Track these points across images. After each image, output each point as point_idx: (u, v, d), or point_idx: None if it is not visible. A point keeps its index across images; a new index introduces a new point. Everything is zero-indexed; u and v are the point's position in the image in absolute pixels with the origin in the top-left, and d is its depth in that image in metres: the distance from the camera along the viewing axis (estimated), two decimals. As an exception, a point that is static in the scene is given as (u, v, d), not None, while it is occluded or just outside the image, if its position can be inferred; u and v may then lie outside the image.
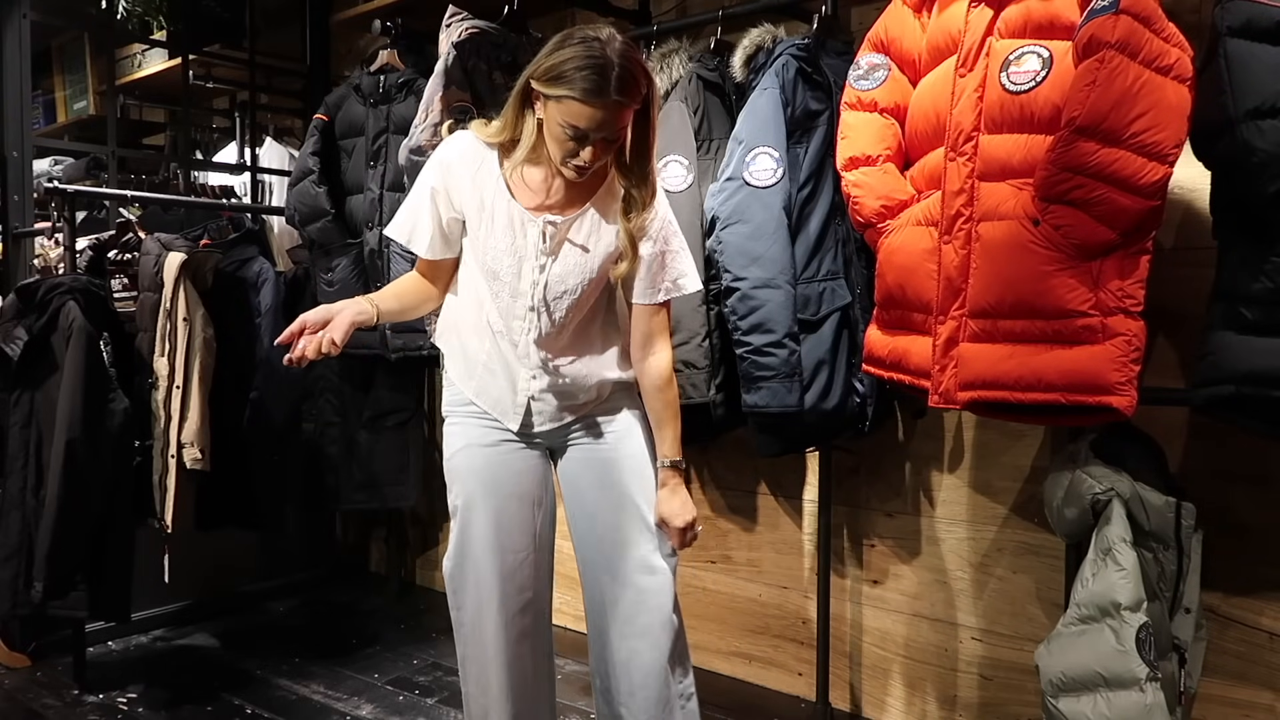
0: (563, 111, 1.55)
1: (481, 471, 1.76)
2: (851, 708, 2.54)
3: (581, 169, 1.60)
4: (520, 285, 1.70)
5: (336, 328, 1.65)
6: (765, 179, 2.06)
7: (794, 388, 2.05)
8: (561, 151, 1.59)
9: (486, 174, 1.70)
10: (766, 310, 2.04)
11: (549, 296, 1.69)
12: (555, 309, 1.70)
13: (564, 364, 1.74)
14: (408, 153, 2.40)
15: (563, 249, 1.70)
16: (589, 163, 1.59)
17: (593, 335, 1.78)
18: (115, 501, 2.56)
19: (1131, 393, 1.56)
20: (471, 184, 1.71)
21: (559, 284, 1.69)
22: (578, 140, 1.56)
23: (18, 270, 2.99)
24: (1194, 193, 1.90)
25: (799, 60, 2.12)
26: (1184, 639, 1.71)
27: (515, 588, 1.76)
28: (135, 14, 3.31)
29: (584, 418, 1.80)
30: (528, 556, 1.77)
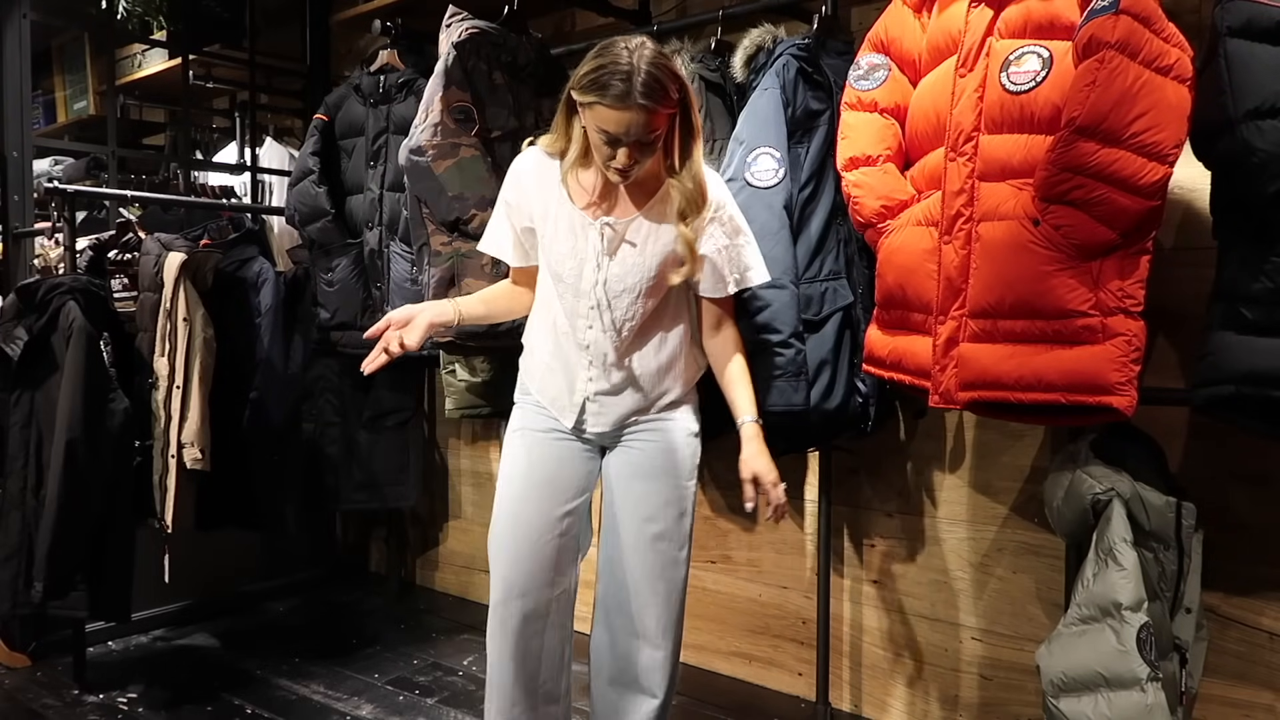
0: (595, 117, 1.64)
1: (519, 454, 1.88)
2: (851, 708, 2.54)
3: (622, 171, 1.68)
4: (582, 285, 1.79)
5: (413, 329, 1.76)
6: (767, 179, 2.06)
7: (800, 387, 2.05)
8: (601, 156, 1.69)
9: (550, 183, 1.81)
10: (772, 310, 2.04)
11: (609, 295, 1.78)
12: (615, 307, 1.78)
13: (622, 367, 1.82)
14: (408, 153, 2.40)
15: (620, 249, 1.78)
16: (626, 166, 1.67)
17: (654, 342, 1.84)
18: (115, 501, 2.56)
19: (1131, 393, 1.56)
20: (537, 193, 1.82)
21: (618, 283, 1.77)
22: (611, 145, 1.65)
23: (18, 270, 2.99)
24: (1194, 193, 1.90)
25: (799, 60, 2.12)
26: (1185, 639, 1.71)
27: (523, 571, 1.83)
28: (135, 14, 3.31)
29: (637, 423, 1.87)
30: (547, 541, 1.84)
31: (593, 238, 1.78)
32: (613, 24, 2.80)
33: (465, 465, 3.50)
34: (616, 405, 1.84)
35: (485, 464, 3.42)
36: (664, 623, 1.88)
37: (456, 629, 3.21)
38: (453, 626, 3.24)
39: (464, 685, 2.76)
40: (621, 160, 1.66)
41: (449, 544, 3.57)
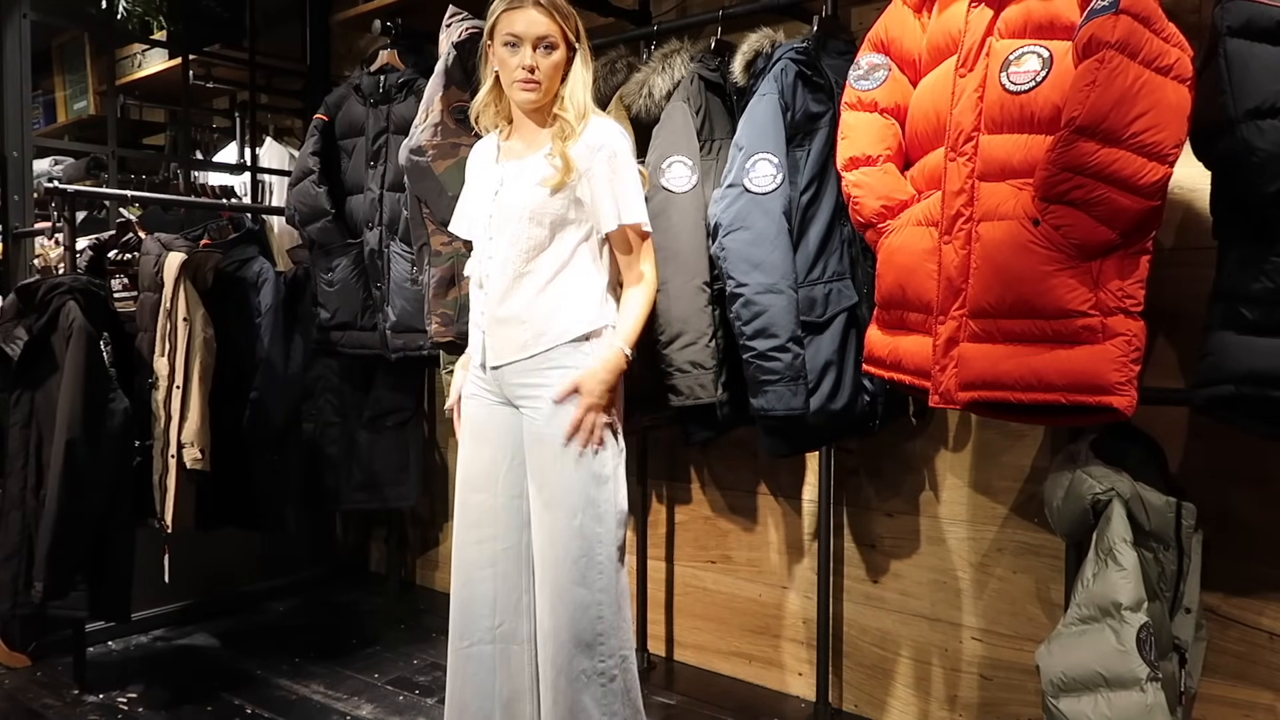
0: (501, 28, 1.86)
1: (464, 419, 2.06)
2: (851, 708, 2.54)
3: (527, 82, 1.85)
4: (482, 216, 1.96)
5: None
6: (765, 185, 2.06)
7: (799, 390, 2.05)
8: (508, 75, 1.87)
9: (487, 155, 2.03)
10: (769, 315, 2.04)
11: (501, 222, 1.91)
12: (504, 233, 1.90)
13: (512, 294, 1.90)
14: (408, 153, 2.40)
15: (512, 181, 1.92)
16: (530, 69, 1.84)
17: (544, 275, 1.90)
18: (115, 501, 2.56)
19: (1131, 393, 1.56)
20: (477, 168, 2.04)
21: (508, 209, 1.90)
22: (516, 50, 1.85)
23: (18, 270, 2.99)
24: (1194, 193, 1.90)
25: (798, 64, 2.11)
26: (1184, 639, 1.71)
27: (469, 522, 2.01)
28: (135, 14, 3.31)
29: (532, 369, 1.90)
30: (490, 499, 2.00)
31: (494, 179, 1.95)
32: (613, 24, 2.80)
33: (465, 465, 3.49)
34: (507, 333, 1.91)
35: (485, 464, 3.41)
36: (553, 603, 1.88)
37: (456, 629, 3.20)
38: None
39: (464, 685, 2.75)
40: (525, 59, 1.83)
41: (449, 544, 3.55)
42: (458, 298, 2.42)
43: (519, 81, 1.86)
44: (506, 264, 1.89)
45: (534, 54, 1.84)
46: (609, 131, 1.92)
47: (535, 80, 1.85)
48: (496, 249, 1.91)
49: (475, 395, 2.01)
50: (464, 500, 2.03)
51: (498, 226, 1.91)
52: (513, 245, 1.89)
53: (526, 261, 1.89)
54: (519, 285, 1.89)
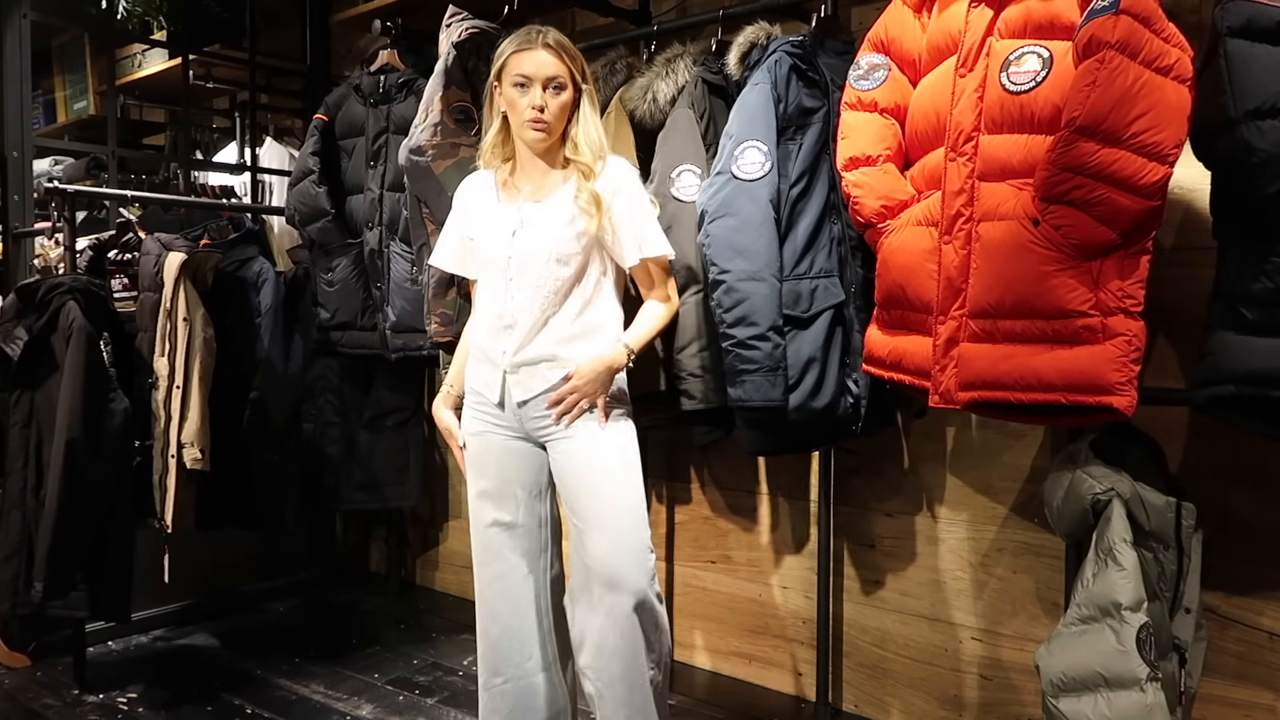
0: (510, 69, 1.88)
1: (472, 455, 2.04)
2: (851, 708, 2.54)
3: (537, 122, 1.87)
4: (500, 258, 1.94)
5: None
6: (753, 172, 2.04)
7: (777, 382, 2.03)
8: (517, 116, 1.89)
9: (486, 193, 2.02)
10: (750, 303, 2.02)
11: (523, 262, 1.91)
12: (529, 273, 1.91)
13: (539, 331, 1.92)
14: (408, 153, 2.40)
15: (532, 221, 1.93)
16: (540, 109, 1.86)
17: (572, 310, 1.93)
18: (115, 501, 2.56)
19: (1131, 393, 1.56)
20: (474, 206, 2.03)
21: (529, 251, 1.91)
22: (525, 91, 1.86)
23: (18, 270, 2.99)
24: (1194, 193, 1.90)
25: (793, 57, 2.10)
26: (1184, 639, 1.71)
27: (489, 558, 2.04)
28: (135, 14, 3.31)
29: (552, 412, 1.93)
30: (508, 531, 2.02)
31: (511, 220, 1.95)
32: (613, 24, 2.80)
33: (465, 465, 3.50)
34: (536, 371, 1.92)
35: (485, 464, 3.42)
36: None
37: (456, 629, 3.20)
38: (453, 626, 3.24)
39: (464, 685, 2.75)
40: (535, 99, 1.85)
41: (449, 544, 3.57)
42: (457, 298, 2.42)
43: (529, 122, 1.87)
44: (533, 305, 1.91)
45: (544, 94, 1.87)
46: (623, 171, 1.97)
47: (545, 120, 1.87)
48: (519, 290, 1.92)
49: (487, 431, 2.00)
50: (482, 536, 2.04)
51: (519, 268, 1.91)
52: (540, 287, 1.91)
53: (556, 303, 1.92)
54: (548, 325, 1.92)
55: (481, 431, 2.01)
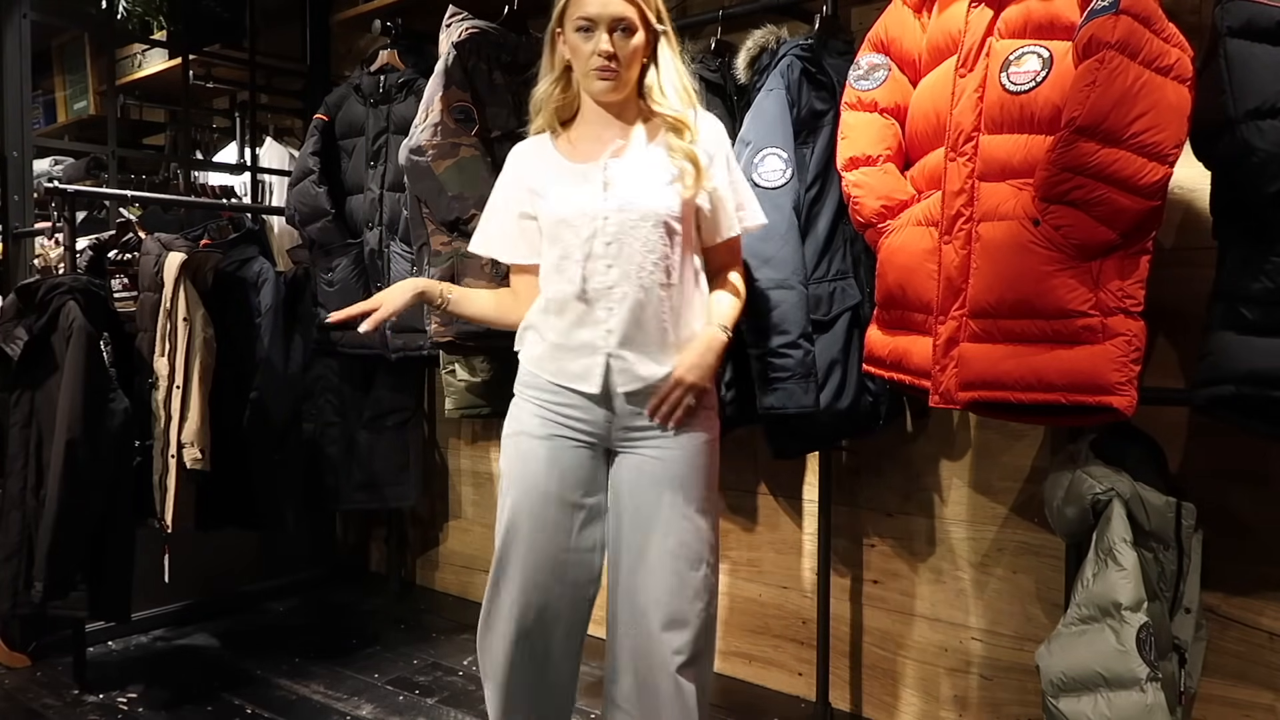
0: (570, 16, 1.68)
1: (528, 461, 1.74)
2: (851, 708, 2.54)
3: (605, 69, 1.66)
4: (588, 221, 1.69)
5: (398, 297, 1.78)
6: (775, 180, 2.05)
7: (810, 388, 2.04)
8: (583, 62, 1.68)
9: (544, 157, 1.79)
10: (780, 311, 2.03)
11: (620, 226, 1.68)
12: (632, 240, 1.67)
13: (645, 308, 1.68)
14: (408, 153, 2.40)
15: (626, 180, 1.71)
16: (609, 54, 1.65)
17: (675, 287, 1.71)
18: (115, 501, 2.56)
19: (1131, 393, 1.56)
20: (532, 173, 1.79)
21: (630, 211, 1.68)
22: (591, 35, 1.66)
23: (18, 270, 2.99)
24: (1194, 193, 1.90)
25: (803, 61, 2.11)
26: (1184, 639, 1.71)
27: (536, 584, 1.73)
28: (135, 14, 3.31)
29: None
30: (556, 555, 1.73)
31: (595, 178, 1.72)
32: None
33: (465, 465, 3.50)
34: (641, 355, 1.69)
35: (485, 464, 3.42)
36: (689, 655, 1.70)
37: (456, 629, 3.21)
38: (453, 626, 3.24)
39: (464, 685, 2.75)
40: (602, 45, 1.64)
41: (449, 544, 3.57)
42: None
43: (596, 70, 1.66)
44: (639, 274, 1.67)
45: (610, 39, 1.65)
46: (719, 129, 1.79)
47: (613, 68, 1.66)
48: (618, 258, 1.67)
49: (556, 436, 1.73)
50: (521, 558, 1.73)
51: (616, 231, 1.67)
52: (647, 253, 1.67)
53: (662, 271, 1.68)
54: (652, 298, 1.68)
55: (552, 435, 1.73)
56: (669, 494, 1.72)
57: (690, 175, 1.69)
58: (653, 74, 1.72)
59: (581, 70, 1.70)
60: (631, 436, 1.73)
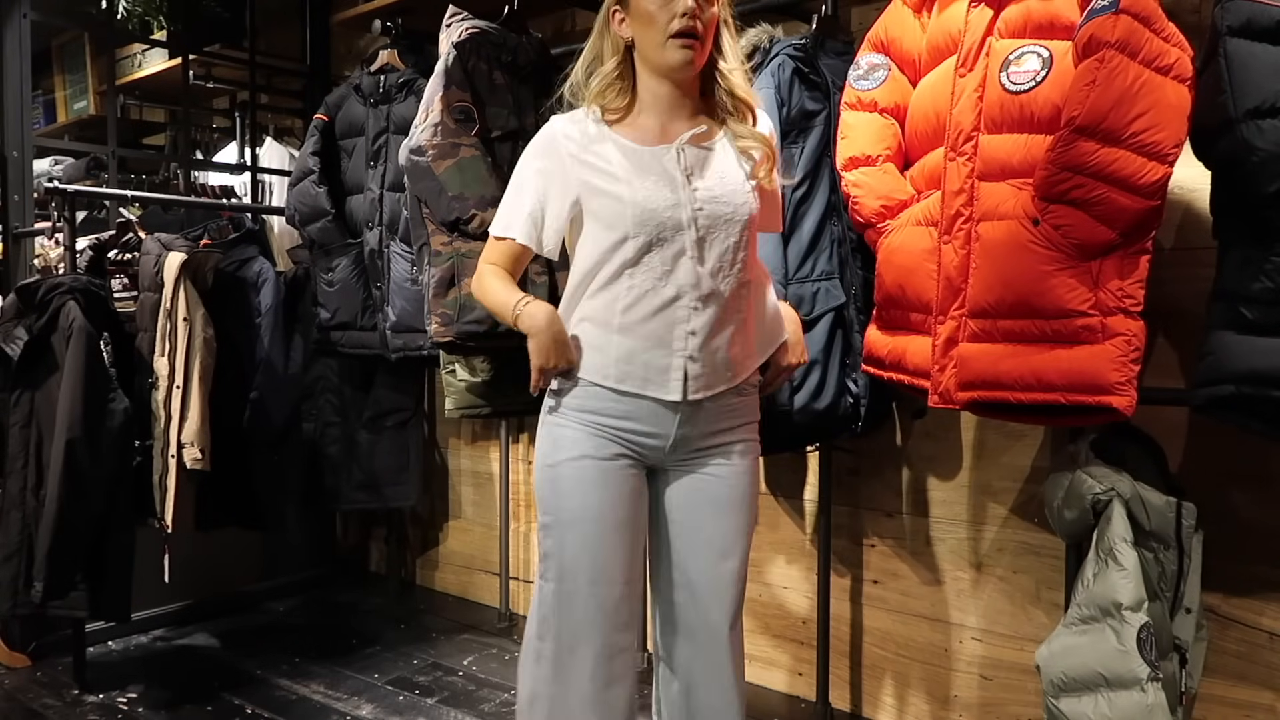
0: None
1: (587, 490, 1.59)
2: (851, 708, 2.54)
3: (688, 33, 1.51)
4: (673, 212, 1.54)
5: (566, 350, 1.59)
6: None
7: (784, 387, 2.04)
8: (658, 33, 1.52)
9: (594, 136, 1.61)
10: None
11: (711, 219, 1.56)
12: (719, 233, 1.56)
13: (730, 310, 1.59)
14: (408, 152, 2.40)
15: (706, 166, 1.59)
16: (693, 13, 1.51)
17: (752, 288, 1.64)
18: (115, 501, 2.56)
19: (1131, 393, 1.56)
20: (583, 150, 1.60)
21: (718, 202, 1.57)
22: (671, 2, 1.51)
23: (18, 270, 2.99)
24: (1194, 193, 1.90)
25: (795, 60, 2.11)
26: (1185, 639, 1.71)
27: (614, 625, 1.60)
28: (135, 14, 3.31)
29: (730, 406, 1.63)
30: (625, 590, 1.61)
31: (672, 166, 1.56)
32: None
33: (465, 465, 3.50)
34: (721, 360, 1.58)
35: (485, 464, 3.42)
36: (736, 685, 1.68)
37: (456, 629, 3.21)
38: (453, 626, 3.24)
39: (464, 685, 2.76)
40: (687, 4, 1.49)
41: (449, 544, 3.57)
42: (457, 297, 2.42)
43: (679, 33, 1.50)
44: (729, 272, 1.57)
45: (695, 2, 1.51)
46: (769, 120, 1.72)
47: (698, 33, 1.52)
48: (710, 253, 1.55)
49: (619, 457, 1.58)
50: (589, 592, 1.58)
51: (708, 224, 1.55)
52: (735, 250, 1.57)
53: (746, 269, 1.59)
54: (740, 298, 1.59)
55: (617, 456, 1.58)
56: (730, 516, 1.65)
57: (766, 163, 1.61)
58: (719, 57, 1.60)
59: (657, 40, 1.53)
60: (693, 450, 1.62)
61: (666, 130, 1.60)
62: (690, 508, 1.64)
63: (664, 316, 1.55)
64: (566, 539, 1.59)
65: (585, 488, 1.58)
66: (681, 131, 1.59)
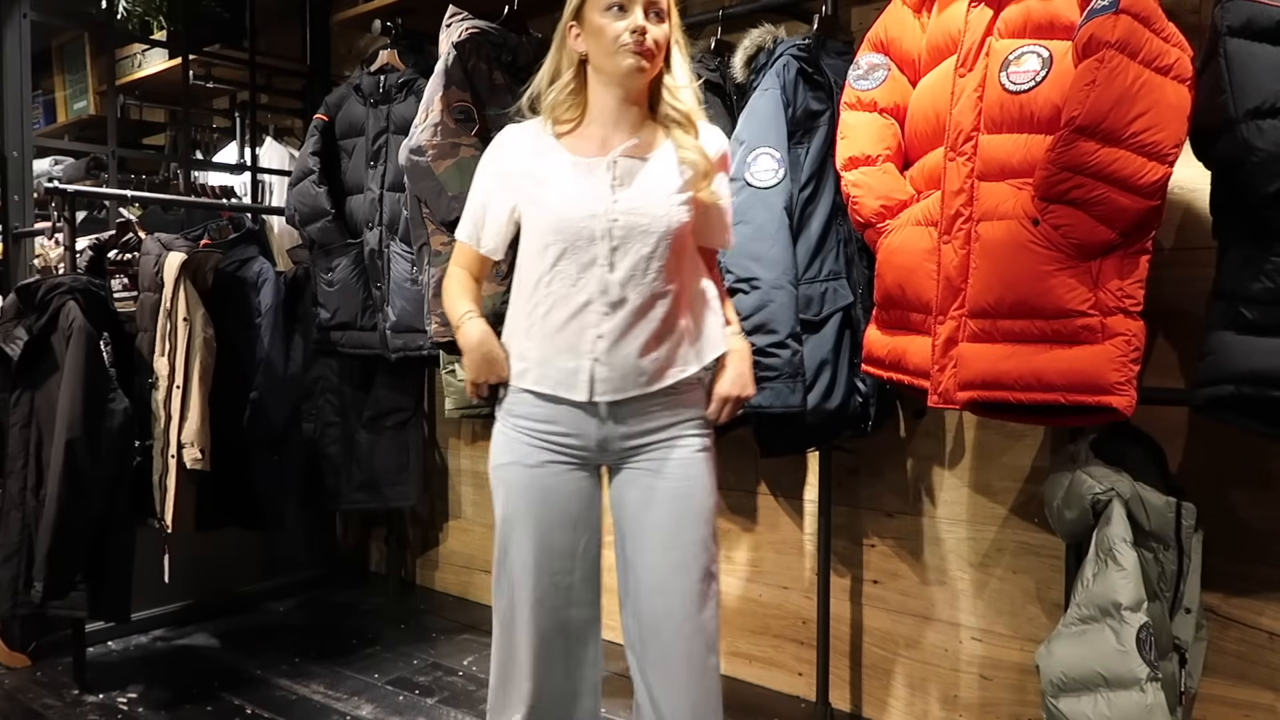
0: None
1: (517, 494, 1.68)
2: (851, 708, 2.54)
3: (638, 46, 1.57)
4: (593, 221, 1.60)
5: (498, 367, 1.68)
6: (767, 179, 2.06)
7: (797, 388, 2.05)
8: (609, 44, 1.58)
9: (541, 145, 1.69)
10: (769, 311, 2.04)
11: (629, 228, 1.60)
12: (637, 243, 1.60)
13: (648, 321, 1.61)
14: (408, 152, 2.40)
15: (635, 179, 1.63)
16: (643, 31, 1.57)
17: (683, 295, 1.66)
18: (115, 501, 2.56)
19: (1131, 393, 1.56)
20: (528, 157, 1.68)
21: (638, 214, 1.61)
22: (625, 11, 1.58)
23: (18, 270, 2.99)
24: (1194, 193, 1.90)
25: (799, 60, 2.12)
26: (1184, 639, 1.71)
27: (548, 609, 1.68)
28: (135, 14, 3.31)
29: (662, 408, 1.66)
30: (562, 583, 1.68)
31: (601, 175, 1.62)
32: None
33: (465, 465, 3.50)
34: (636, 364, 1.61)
35: (485, 464, 3.38)
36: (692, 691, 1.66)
37: (456, 629, 3.21)
38: (453, 626, 3.24)
39: (464, 685, 2.76)
40: (637, 22, 1.56)
41: (449, 544, 3.57)
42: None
43: (629, 45, 1.56)
44: (641, 280, 1.60)
45: (646, 14, 1.58)
46: (724, 138, 1.74)
47: (649, 45, 1.57)
48: (623, 260, 1.59)
49: (548, 463, 1.66)
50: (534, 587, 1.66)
51: (624, 234, 1.59)
52: (653, 259, 1.60)
53: (665, 279, 1.62)
54: (656, 306, 1.61)
55: (544, 462, 1.65)
56: (674, 507, 1.66)
57: (699, 174, 1.64)
58: (668, 74, 1.66)
59: (608, 51, 1.59)
60: (625, 450, 1.66)
61: (608, 142, 1.66)
62: (636, 504, 1.68)
63: (576, 321, 1.61)
64: (507, 538, 1.69)
65: (516, 492, 1.68)
66: (623, 143, 1.65)
